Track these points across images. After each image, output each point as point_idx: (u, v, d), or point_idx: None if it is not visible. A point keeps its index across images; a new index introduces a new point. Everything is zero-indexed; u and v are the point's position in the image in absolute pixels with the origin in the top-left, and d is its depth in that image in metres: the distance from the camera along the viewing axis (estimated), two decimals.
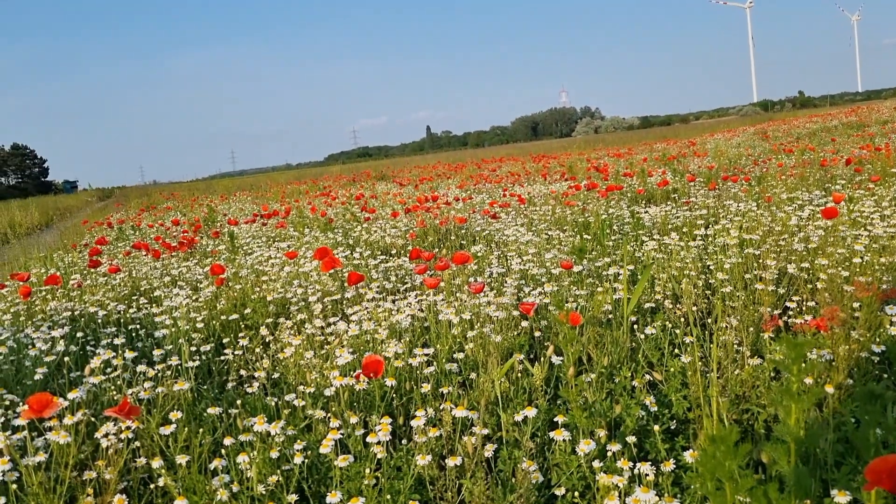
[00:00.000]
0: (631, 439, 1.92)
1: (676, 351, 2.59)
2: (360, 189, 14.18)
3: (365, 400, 2.47)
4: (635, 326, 2.82)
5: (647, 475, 1.73)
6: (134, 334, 3.48)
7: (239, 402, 2.38)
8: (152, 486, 2.07)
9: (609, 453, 1.89)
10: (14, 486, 1.91)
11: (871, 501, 1.31)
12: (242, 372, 2.98)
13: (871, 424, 1.38)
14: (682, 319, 3.03)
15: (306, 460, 2.06)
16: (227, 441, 2.07)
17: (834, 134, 16.79)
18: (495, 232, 5.40)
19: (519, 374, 2.47)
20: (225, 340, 3.33)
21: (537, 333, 2.93)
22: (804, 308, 2.94)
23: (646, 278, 2.78)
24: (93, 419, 2.27)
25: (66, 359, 2.88)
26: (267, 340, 3.25)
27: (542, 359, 2.42)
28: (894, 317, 2.44)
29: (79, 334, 3.27)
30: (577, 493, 1.80)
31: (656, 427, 1.99)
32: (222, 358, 3.16)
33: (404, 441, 2.14)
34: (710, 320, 3.12)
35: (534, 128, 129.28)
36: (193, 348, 3.20)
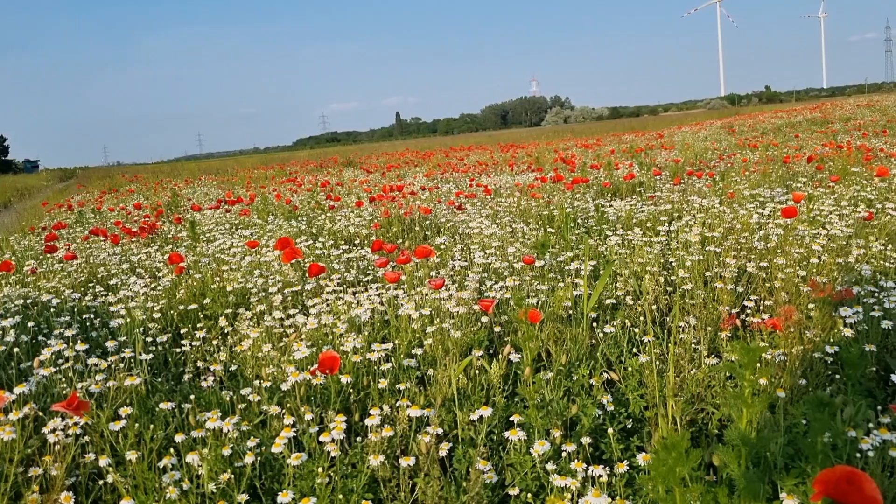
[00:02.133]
0: (586, 440, 1.92)
1: (635, 350, 2.59)
2: (326, 175, 14.07)
3: (322, 395, 2.44)
4: (595, 324, 2.83)
5: (600, 477, 1.73)
6: (88, 324, 3.40)
7: (193, 396, 2.34)
8: (101, 482, 2.03)
9: (564, 454, 1.89)
10: None
11: None
12: (200, 363, 2.93)
13: (818, 431, 1.39)
14: (643, 317, 3.05)
15: (259, 457, 2.03)
16: (180, 437, 2.03)
17: (798, 130, 17.03)
18: (460, 223, 5.38)
19: (477, 371, 2.46)
20: (183, 331, 3.27)
21: (497, 329, 2.92)
22: (762, 307, 2.97)
23: (607, 275, 2.79)
24: (41, 413, 2.22)
25: (17, 350, 2.81)
26: (226, 332, 3.20)
27: (500, 356, 2.41)
28: (847, 318, 2.47)
29: (30, 323, 3.19)
30: (530, 494, 1.79)
31: (610, 430, 1.99)
32: (180, 349, 3.11)
33: (360, 438, 2.12)
34: (669, 318, 3.14)
35: (503, 116, 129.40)
36: (150, 339, 3.15)
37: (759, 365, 2.26)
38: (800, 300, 2.95)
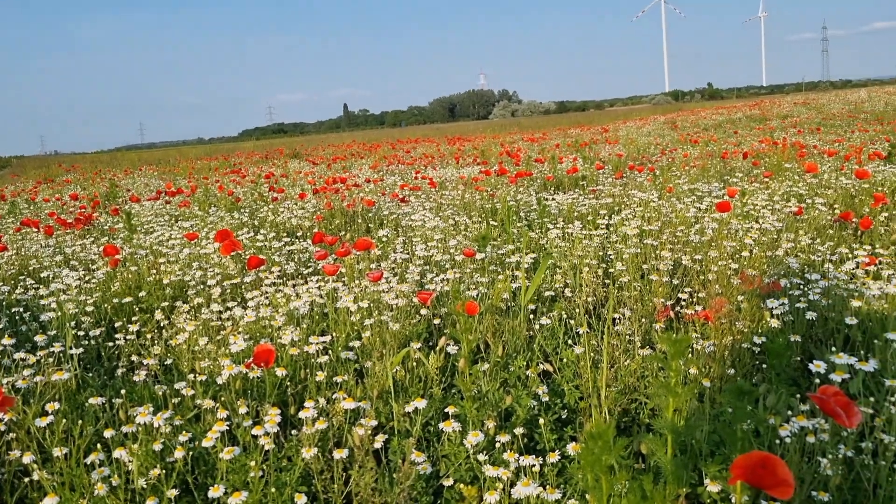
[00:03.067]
0: (519, 431, 1.94)
1: (570, 341, 2.63)
2: (271, 167, 13.90)
3: (259, 388, 2.42)
4: (533, 316, 2.86)
5: (532, 467, 1.75)
6: (18, 318, 3.31)
7: (123, 391, 2.29)
8: (27, 480, 1.98)
9: (498, 444, 1.90)
10: None
11: (737, 492, 1.37)
12: (134, 358, 2.88)
13: (739, 419, 1.43)
14: (581, 309, 3.09)
15: (192, 452, 2.00)
16: (109, 433, 1.99)
17: (738, 126, 17.45)
18: (403, 216, 5.37)
19: (415, 363, 2.46)
20: (117, 324, 3.20)
21: (437, 321, 2.93)
22: (695, 299, 3.04)
23: (544, 268, 2.81)
24: None
25: None
26: (162, 325, 3.14)
27: (437, 348, 2.42)
28: (774, 309, 2.54)
29: None
30: (463, 485, 1.80)
31: (542, 420, 2.01)
32: (113, 343, 3.05)
33: (296, 431, 2.10)
34: (604, 310, 3.19)
35: (451, 109, 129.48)
36: (82, 333, 3.08)
37: (689, 355, 2.33)
38: (731, 292, 3.03)
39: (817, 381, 1.88)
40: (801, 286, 2.82)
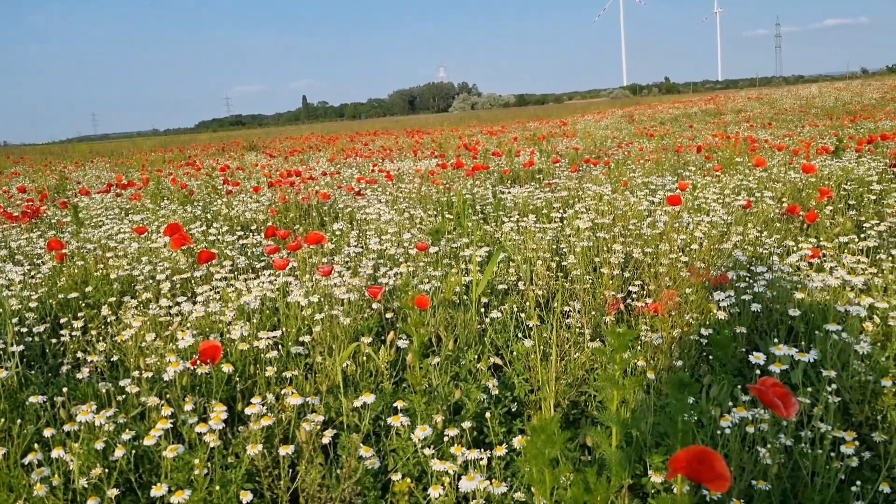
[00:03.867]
0: (467, 424, 1.94)
1: (521, 335, 2.64)
2: (227, 160, 13.72)
3: (207, 385, 2.39)
4: (485, 309, 2.87)
5: (480, 460, 1.75)
6: None
7: (66, 389, 2.24)
8: None
9: (447, 438, 1.90)
10: None
11: (678, 484, 1.39)
12: (80, 354, 2.81)
13: (679, 411, 1.45)
14: (532, 302, 3.11)
15: (137, 451, 1.97)
16: (50, 432, 1.94)
17: (693, 120, 17.70)
18: (358, 209, 5.34)
19: (365, 358, 2.45)
20: (63, 320, 3.13)
21: (389, 315, 2.92)
22: (646, 291, 3.07)
23: (495, 261, 2.82)
24: None
25: None
26: (109, 321, 3.08)
27: (387, 342, 2.41)
28: (721, 302, 2.58)
29: None
30: (411, 479, 1.80)
31: (488, 414, 2.02)
32: (58, 339, 2.98)
33: (242, 428, 2.08)
34: (555, 304, 3.21)
35: (411, 102, 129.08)
36: (25, 329, 3.00)
37: (637, 348, 2.35)
38: (681, 285, 3.07)
39: (757, 371, 1.92)
40: (748, 279, 2.87)
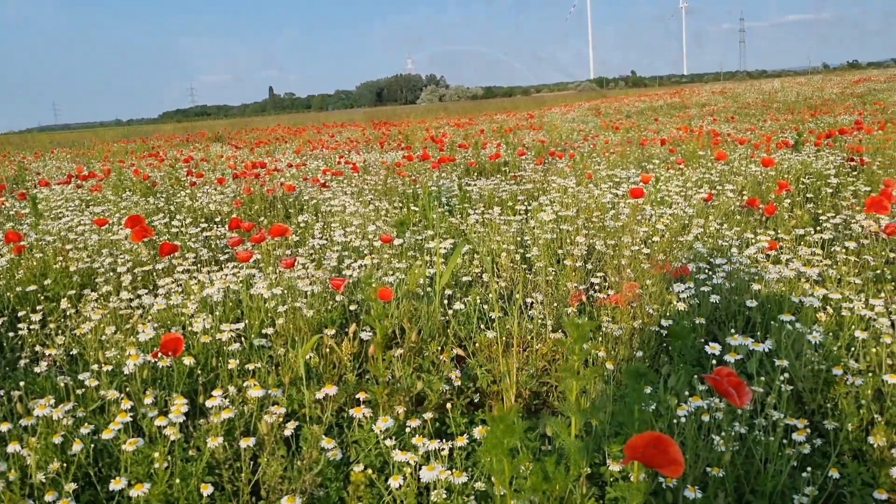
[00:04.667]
0: (429, 415, 1.96)
1: (484, 326, 2.66)
2: (192, 151, 13.55)
3: (168, 378, 2.37)
4: (448, 301, 2.88)
5: (442, 451, 1.77)
6: None
7: (23, 383, 2.21)
8: None
9: (409, 429, 1.91)
10: None
11: (635, 471, 1.42)
12: (38, 348, 2.77)
13: (636, 400, 1.47)
14: (495, 294, 3.13)
15: (96, 445, 1.95)
16: (6, 426, 1.92)
17: (658, 114, 17.88)
18: (324, 201, 5.32)
19: (328, 350, 2.45)
20: (21, 314, 3.08)
21: (353, 307, 2.92)
22: (608, 283, 3.11)
23: (458, 253, 2.83)
24: None
25: None
26: (68, 314, 3.04)
27: (350, 334, 2.42)
28: (681, 293, 2.62)
29: None
30: (373, 470, 1.81)
31: (450, 405, 2.03)
32: (16, 333, 2.93)
33: (204, 421, 2.07)
34: (517, 295, 3.24)
35: (379, 93, 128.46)
36: None
37: (597, 339, 2.38)
38: (643, 277, 3.11)
39: (713, 362, 1.96)
40: (708, 270, 2.92)
